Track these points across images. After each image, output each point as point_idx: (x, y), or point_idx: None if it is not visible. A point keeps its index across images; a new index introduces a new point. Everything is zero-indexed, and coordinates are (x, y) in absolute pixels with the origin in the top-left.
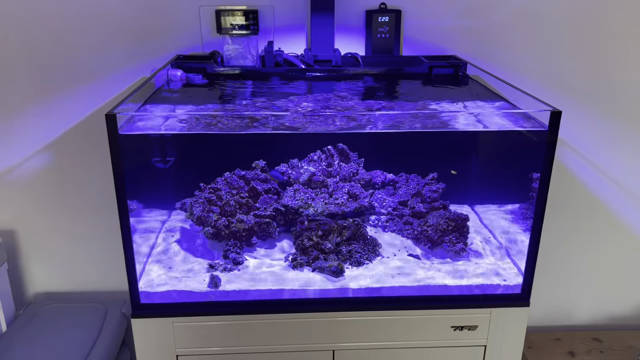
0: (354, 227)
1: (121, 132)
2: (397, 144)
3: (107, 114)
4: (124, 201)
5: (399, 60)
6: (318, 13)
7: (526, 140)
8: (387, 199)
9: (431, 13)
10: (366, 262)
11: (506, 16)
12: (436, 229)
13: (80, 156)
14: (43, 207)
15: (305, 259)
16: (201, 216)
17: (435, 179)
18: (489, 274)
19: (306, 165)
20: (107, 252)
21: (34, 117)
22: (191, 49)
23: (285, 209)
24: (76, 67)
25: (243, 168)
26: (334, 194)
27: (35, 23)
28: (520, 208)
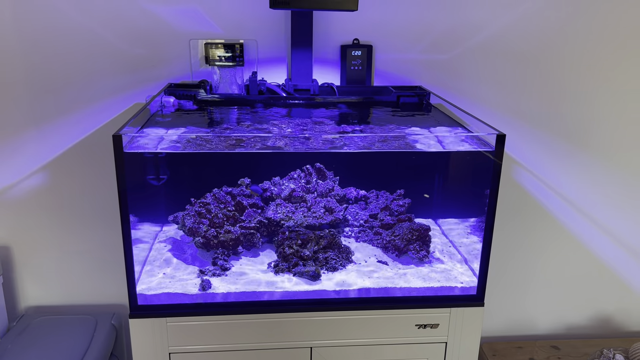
0: (329, 237)
1: (125, 151)
2: (369, 163)
3: (114, 134)
4: (126, 213)
5: (370, 90)
6: (298, 47)
7: (480, 160)
8: (359, 213)
9: (399, 48)
10: (340, 268)
11: (465, 51)
12: (402, 238)
13: (73, 176)
14: (36, 225)
15: (287, 265)
16: (192, 227)
17: (402, 195)
18: (448, 277)
19: (287, 182)
20: (96, 267)
21: (30, 140)
22: (181, 78)
23: (268, 221)
24: (73, 92)
25: (229, 185)
26: (312, 208)
27: (35, 50)
28: (477, 221)
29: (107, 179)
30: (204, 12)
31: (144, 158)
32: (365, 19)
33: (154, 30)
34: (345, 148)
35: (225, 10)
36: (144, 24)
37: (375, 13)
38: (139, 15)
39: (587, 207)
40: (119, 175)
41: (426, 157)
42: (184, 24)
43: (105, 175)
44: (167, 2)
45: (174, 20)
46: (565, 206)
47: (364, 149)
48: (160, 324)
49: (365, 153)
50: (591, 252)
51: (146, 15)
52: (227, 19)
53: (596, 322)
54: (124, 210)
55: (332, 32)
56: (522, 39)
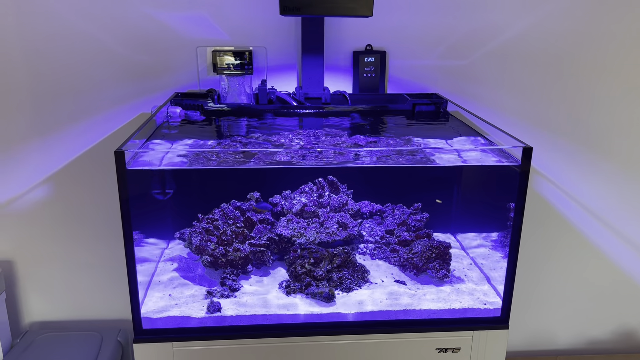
0: (343, 255)
1: (129, 168)
2: (384, 176)
3: (116, 150)
4: (129, 232)
5: (384, 97)
6: (309, 54)
7: (502, 172)
8: (374, 228)
9: (414, 54)
10: (356, 288)
11: (483, 56)
12: (421, 256)
13: (78, 188)
14: (40, 238)
15: (299, 285)
16: (200, 245)
17: (419, 209)
18: (470, 298)
19: (298, 196)
20: (102, 281)
21: (34, 151)
22: (188, 87)
23: (279, 237)
24: (77, 103)
25: (238, 199)
26: (324, 224)
27: (38, 60)
28: (499, 236)
29: (113, 190)
30: (211, 19)
31: (148, 173)
32: (379, 24)
33: (160, 37)
34: (359, 161)
35: (233, 17)
36: (150, 31)
37: (389, 18)
38: (145, 22)
39: (610, 218)
40: (121, 193)
41: (444, 170)
42: (191, 31)
43: (112, 187)
44: (173, 9)
45: (180, 27)
46: (587, 217)
47: (380, 163)
48: (166, 349)
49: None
50: (614, 263)
51: (152, 22)
52: (235, 26)
53: (619, 337)
54: (127, 229)
55: (343, 38)
56: (542, 43)
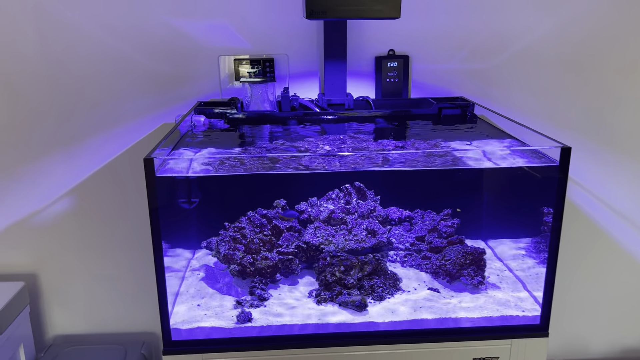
0: (374, 263)
1: (157, 175)
2: (412, 181)
3: (145, 157)
4: (158, 240)
5: (408, 102)
6: (331, 59)
7: (536, 175)
8: (404, 235)
9: (437, 58)
10: (388, 297)
11: (507, 59)
12: (454, 263)
13: (101, 200)
14: (63, 251)
15: (329, 294)
16: (227, 254)
17: (449, 214)
18: (507, 305)
19: (325, 203)
20: (124, 294)
21: (58, 163)
22: (210, 96)
23: (307, 245)
24: (99, 114)
25: (264, 207)
26: (353, 231)
27: (59, 71)
28: (532, 242)
29: (136, 202)
30: (232, 27)
31: (175, 181)
32: (401, 28)
33: (181, 47)
34: (387, 165)
35: (254, 25)
36: (171, 41)
37: (411, 22)
38: (166, 32)
39: None
40: (150, 201)
41: (475, 173)
42: (213, 40)
43: (135, 199)
44: (195, 18)
45: (202, 36)
46: (617, 219)
47: (407, 167)
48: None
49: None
50: None
51: (174, 31)
52: (256, 34)
53: None
54: (156, 238)
55: (365, 43)
56: (566, 45)
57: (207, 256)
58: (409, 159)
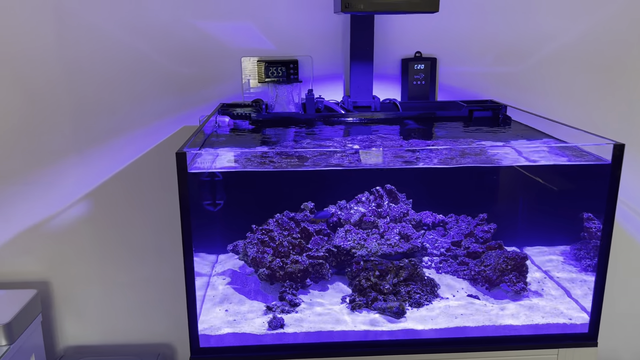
0: (410, 268)
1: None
2: (445, 183)
3: (177, 152)
4: (188, 241)
5: (436, 105)
6: (357, 61)
7: (581, 176)
8: (439, 240)
9: (464, 61)
10: (426, 303)
11: (537, 62)
12: (495, 268)
13: (117, 205)
14: (76, 258)
15: (364, 300)
16: (256, 257)
17: (485, 219)
18: (552, 313)
19: (356, 206)
20: (141, 302)
21: (72, 167)
22: (232, 98)
23: (337, 249)
24: (118, 116)
25: (291, 210)
26: (384, 235)
27: (78, 74)
28: (571, 248)
29: (154, 207)
30: (256, 28)
31: (200, 182)
32: (427, 30)
33: (203, 48)
34: (421, 163)
35: (278, 26)
36: (192, 42)
37: (438, 24)
38: (188, 33)
39: None
40: (182, 198)
41: (512, 174)
42: (235, 41)
43: (151, 204)
44: (218, 18)
45: (224, 37)
46: None
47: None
48: None
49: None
50: None
51: (196, 32)
52: (280, 35)
53: None
54: (187, 238)
55: (391, 45)
56: (596, 49)
57: (231, 260)
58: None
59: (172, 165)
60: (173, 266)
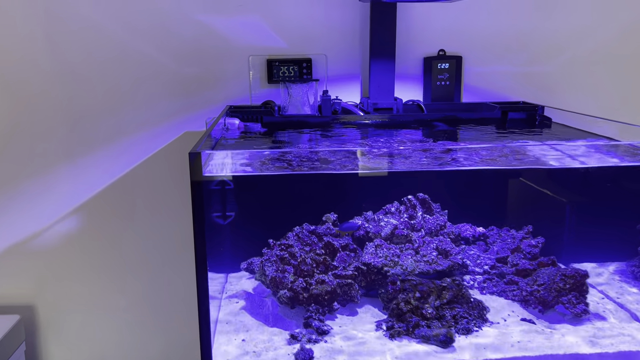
0: (455, 288)
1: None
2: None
3: (191, 152)
4: (202, 256)
5: (464, 106)
6: (378, 59)
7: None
8: (481, 256)
9: (491, 59)
10: (475, 329)
11: (568, 62)
12: (550, 288)
13: (110, 220)
14: (65, 279)
15: (404, 326)
16: (275, 277)
17: (530, 232)
18: (622, 339)
19: (386, 218)
20: (133, 327)
21: (65, 176)
22: (239, 100)
23: (367, 267)
24: (113, 121)
25: (311, 222)
26: (420, 250)
27: (71, 74)
28: (627, 265)
29: (150, 221)
30: (266, 24)
31: (210, 191)
32: (452, 26)
33: (207, 45)
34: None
35: (289, 22)
36: (196, 39)
37: (463, 19)
38: (191, 29)
39: None
40: (196, 207)
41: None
42: (243, 38)
43: (148, 218)
44: (223, 13)
45: (231, 33)
46: None
47: (481, 165)
48: None
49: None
50: None
51: (199, 28)
52: (291, 31)
53: None
54: (200, 254)
55: (412, 42)
56: (630, 46)
57: (243, 279)
58: (482, 158)
59: (172, 175)
60: (172, 287)
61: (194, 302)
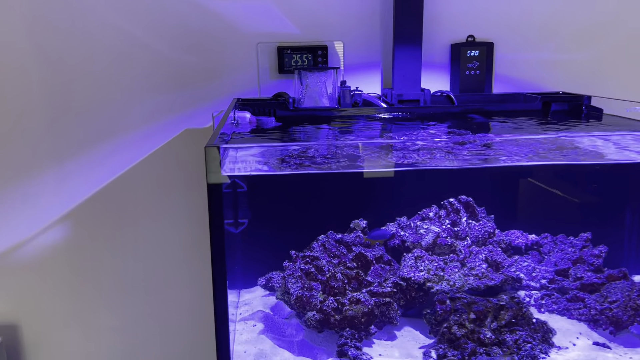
0: (515, 307)
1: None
2: (532, 191)
3: (207, 145)
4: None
5: (497, 97)
6: (403, 46)
7: None
8: (536, 268)
9: (525, 46)
10: (542, 356)
11: (609, 48)
12: (626, 306)
13: (100, 229)
14: (51, 295)
15: (459, 354)
16: (302, 296)
17: (589, 239)
18: None
19: (423, 224)
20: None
21: (49, 181)
22: (246, 92)
23: (406, 283)
24: (103, 120)
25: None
26: (466, 262)
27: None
28: None
29: (146, 232)
30: (276, 8)
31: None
32: (482, 10)
33: (210, 31)
34: (503, 160)
35: (302, 5)
36: (197, 24)
37: (494, 3)
38: (191, 13)
39: None
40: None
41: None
42: (250, 23)
43: (144, 228)
44: None
45: (237, 18)
46: None
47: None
48: None
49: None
50: None
51: (201, 12)
52: (304, 16)
53: None
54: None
55: (439, 27)
56: None
57: (259, 297)
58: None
59: (171, 178)
60: (173, 305)
61: (198, 323)
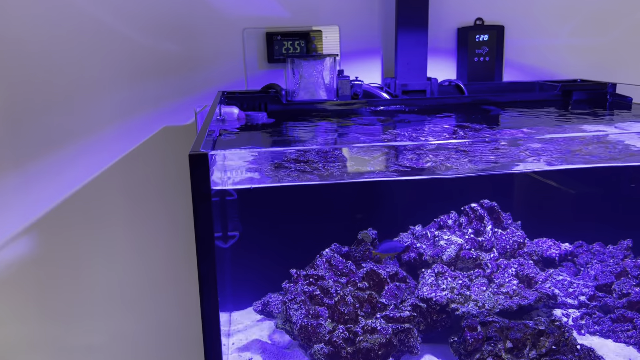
0: (556, 332)
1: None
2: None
3: (191, 153)
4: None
5: (512, 86)
6: (406, 31)
7: None
8: (574, 282)
9: (538, 30)
10: None
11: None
12: None
13: (67, 241)
14: (15, 315)
15: None
16: (307, 325)
17: (630, 247)
18: None
19: (442, 234)
20: None
21: (11, 188)
22: (231, 84)
23: (427, 304)
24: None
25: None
26: (494, 278)
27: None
28: None
29: (120, 244)
30: None
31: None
32: None
33: (191, 16)
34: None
35: None
36: (176, 8)
37: None
38: None
39: None
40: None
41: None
42: (236, 7)
43: (118, 239)
44: None
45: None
46: None
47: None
48: None
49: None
50: None
51: None
52: None
53: None
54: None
55: (444, 10)
56: None
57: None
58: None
59: (149, 183)
60: (155, 323)
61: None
